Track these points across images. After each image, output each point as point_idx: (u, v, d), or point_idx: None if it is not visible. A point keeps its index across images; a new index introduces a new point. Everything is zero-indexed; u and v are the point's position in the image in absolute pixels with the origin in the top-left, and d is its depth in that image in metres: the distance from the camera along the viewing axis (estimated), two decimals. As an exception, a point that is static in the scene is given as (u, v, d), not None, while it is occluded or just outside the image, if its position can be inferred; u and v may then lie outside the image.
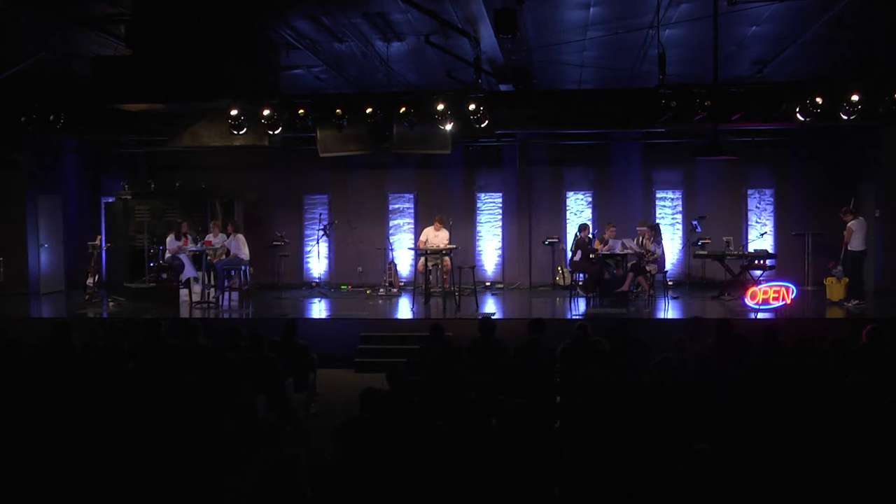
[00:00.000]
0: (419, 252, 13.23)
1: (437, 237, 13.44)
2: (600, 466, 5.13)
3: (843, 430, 5.16)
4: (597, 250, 12.71)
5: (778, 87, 12.11)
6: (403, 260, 15.83)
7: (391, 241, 15.48)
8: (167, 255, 13.46)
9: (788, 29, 10.28)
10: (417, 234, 15.09)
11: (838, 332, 7.64)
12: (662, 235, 13.56)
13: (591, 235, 13.05)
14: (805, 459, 4.51)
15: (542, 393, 7.00)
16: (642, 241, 12.93)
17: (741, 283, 12.93)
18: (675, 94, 11.49)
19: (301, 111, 12.61)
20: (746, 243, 14.67)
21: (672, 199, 15.68)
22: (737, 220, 15.28)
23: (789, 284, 11.83)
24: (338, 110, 12.45)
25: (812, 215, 14.81)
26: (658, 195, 15.67)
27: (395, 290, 14.63)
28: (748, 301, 11.84)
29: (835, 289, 12.53)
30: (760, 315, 11.46)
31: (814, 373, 6.61)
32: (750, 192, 15.44)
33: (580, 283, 13.21)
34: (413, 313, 12.44)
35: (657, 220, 15.25)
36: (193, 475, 5.13)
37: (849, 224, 12.36)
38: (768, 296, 11.74)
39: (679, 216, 15.60)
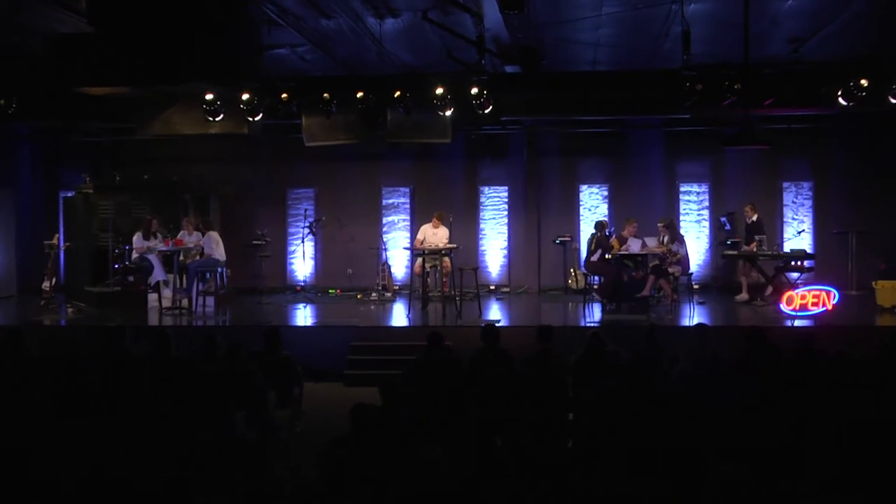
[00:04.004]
0: (416, 252, 13.24)
1: (435, 235, 13.45)
2: (617, 491, 5.13)
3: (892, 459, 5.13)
4: (613, 248, 12.71)
5: (817, 67, 12.11)
6: (398, 261, 15.83)
7: (385, 240, 15.49)
8: (134, 255, 13.46)
9: (829, 2, 10.28)
10: (414, 232, 15.10)
11: (889, 342, 7.62)
12: (683, 234, 13.56)
13: (608, 233, 13.06)
14: (848, 492, 4.50)
15: (552, 409, 7.00)
16: (663, 240, 12.94)
17: (776, 286, 12.93)
18: (701, 76, 11.49)
19: (284, 96, 12.61)
20: (782, 242, 14.68)
21: (698, 194, 15.69)
22: (771, 216, 15.28)
23: (831, 288, 11.83)
24: (325, 95, 12.45)
25: (856, 211, 14.81)
26: (682, 189, 15.68)
27: (388, 294, 14.64)
28: (784, 307, 11.83)
29: (886, 293, 12.51)
30: (797, 322, 11.46)
31: (859, 388, 6.61)
32: (785, 185, 15.45)
33: (595, 287, 13.22)
34: (409, 320, 12.45)
35: (680, 217, 15.27)
36: (163, 502, 5.13)
37: None
38: (806, 301, 11.73)
39: (706, 212, 15.61)
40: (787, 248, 14.19)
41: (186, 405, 6.71)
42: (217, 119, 12.59)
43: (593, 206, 15.87)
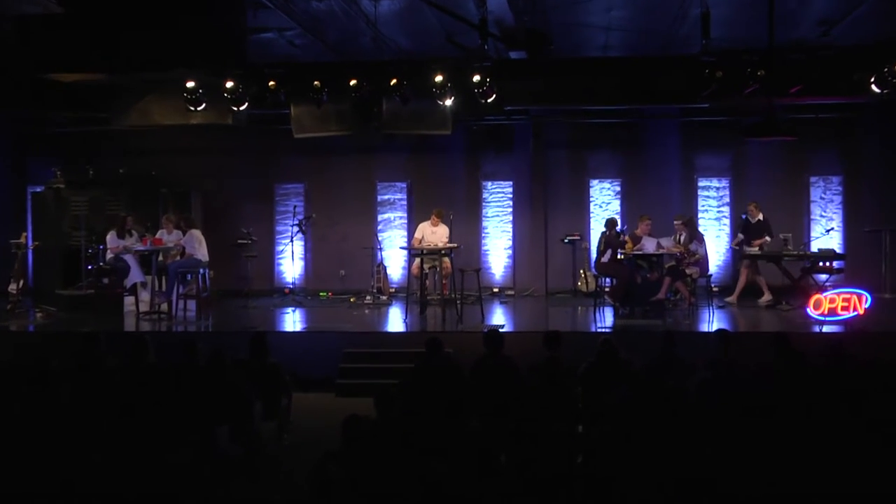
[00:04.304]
0: (413, 252, 13.24)
1: (434, 234, 13.45)
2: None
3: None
4: (626, 245, 12.69)
5: (848, 52, 12.10)
6: (395, 261, 15.83)
7: (380, 239, 15.49)
8: (109, 255, 13.46)
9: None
10: (411, 230, 15.09)
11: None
12: (702, 232, 13.55)
13: (619, 231, 13.04)
14: None
15: (560, 422, 7.00)
16: (680, 239, 12.94)
17: (802, 289, 12.94)
18: (722, 62, 11.50)
19: (272, 83, 12.61)
20: (809, 242, 14.68)
21: (717, 189, 15.69)
22: (797, 213, 15.28)
23: (862, 291, 11.81)
24: (316, 82, 12.45)
25: (889, 207, 14.81)
26: (700, 184, 15.68)
27: (384, 297, 14.64)
28: (811, 311, 11.84)
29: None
30: (826, 328, 11.46)
31: (893, 397, 6.62)
32: (813, 179, 15.44)
33: (607, 290, 13.22)
34: (406, 325, 12.45)
35: (699, 214, 15.27)
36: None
37: None
38: (836, 305, 11.72)
39: (726, 209, 15.61)
40: (814, 247, 14.17)
41: (165, 417, 6.71)
42: (199, 108, 12.58)
43: (605, 202, 15.86)
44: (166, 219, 13.89)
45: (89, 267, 13.72)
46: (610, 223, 13.18)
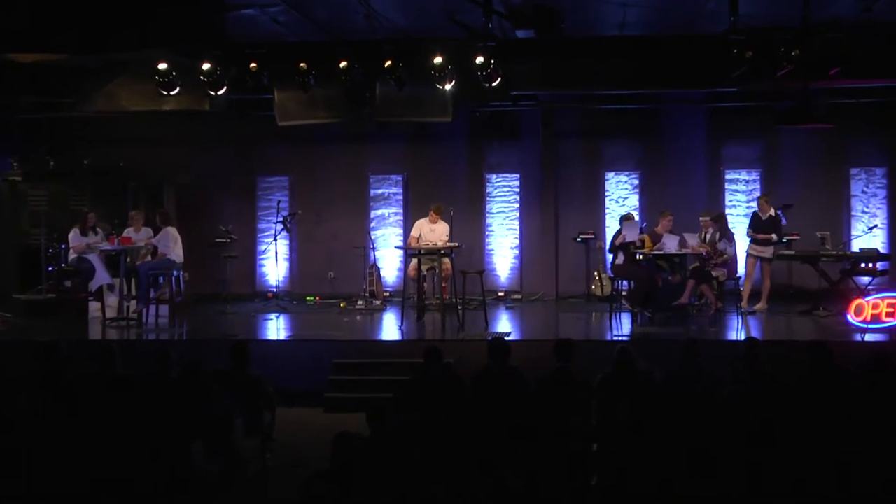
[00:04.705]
0: (410, 252, 13.25)
1: (433, 232, 13.45)
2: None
3: None
4: (644, 244, 12.68)
5: (892, 30, 12.09)
6: (389, 262, 15.85)
7: (373, 237, 15.49)
8: (71, 255, 13.46)
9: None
10: (407, 228, 15.10)
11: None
12: (732, 230, 13.54)
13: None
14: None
15: (572, 439, 7.00)
16: (706, 237, 12.94)
17: (842, 293, 12.93)
18: (752, 41, 11.48)
19: (253, 65, 12.59)
20: (849, 240, 14.66)
21: (747, 182, 15.69)
22: (836, 209, 15.30)
23: (909, 295, 11.85)
24: (302, 64, 12.44)
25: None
26: (728, 176, 15.69)
27: (377, 302, 14.64)
28: (852, 318, 11.83)
29: None
30: (869, 337, 11.46)
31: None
32: (854, 171, 15.44)
33: (624, 294, 13.22)
34: (402, 333, 12.46)
35: (726, 209, 15.25)
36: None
37: None
38: (880, 310, 11.70)
39: (756, 204, 15.60)
40: (855, 247, 14.18)
41: (135, 434, 6.71)
42: (172, 93, 12.55)
43: (622, 196, 15.87)
44: (135, 215, 13.86)
45: (50, 268, 13.73)
46: (625, 219, 13.19)
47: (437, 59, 12.03)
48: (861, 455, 5.93)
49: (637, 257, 12.77)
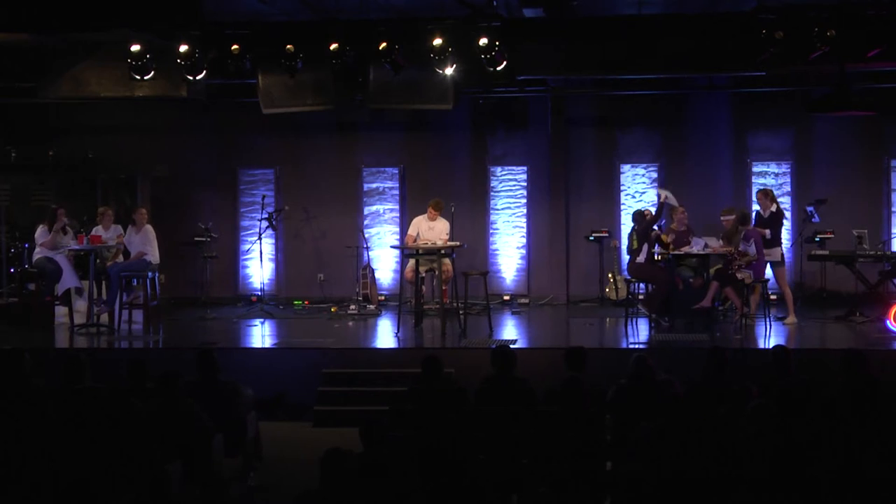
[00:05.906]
0: (407, 252, 13.25)
1: (432, 230, 13.46)
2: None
3: None
4: (665, 244, 12.65)
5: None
6: (384, 263, 15.85)
7: (366, 236, 15.50)
8: (37, 255, 13.45)
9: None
10: (404, 226, 15.10)
11: None
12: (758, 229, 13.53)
13: (656, 227, 13.04)
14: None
15: (584, 457, 7.01)
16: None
17: (880, 297, 12.94)
18: (782, 20, 11.49)
19: (235, 47, 12.58)
20: (889, 239, 14.68)
21: (776, 175, 15.68)
22: (875, 205, 15.29)
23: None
24: (289, 46, 12.43)
25: None
26: (755, 169, 15.68)
27: (371, 307, 14.64)
28: (891, 324, 11.85)
29: None
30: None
31: None
32: (895, 163, 15.44)
33: (641, 298, 13.22)
34: (398, 341, 12.46)
35: (753, 206, 15.23)
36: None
37: None
38: (922, 316, 11.79)
39: (786, 199, 15.60)
40: (895, 246, 14.18)
41: (106, 453, 6.72)
42: (146, 78, 12.55)
43: (638, 191, 15.87)
44: (105, 211, 13.81)
45: (12, 270, 13.74)
46: (638, 216, 13.20)
47: (437, 41, 12.02)
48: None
49: (656, 257, 12.76)
